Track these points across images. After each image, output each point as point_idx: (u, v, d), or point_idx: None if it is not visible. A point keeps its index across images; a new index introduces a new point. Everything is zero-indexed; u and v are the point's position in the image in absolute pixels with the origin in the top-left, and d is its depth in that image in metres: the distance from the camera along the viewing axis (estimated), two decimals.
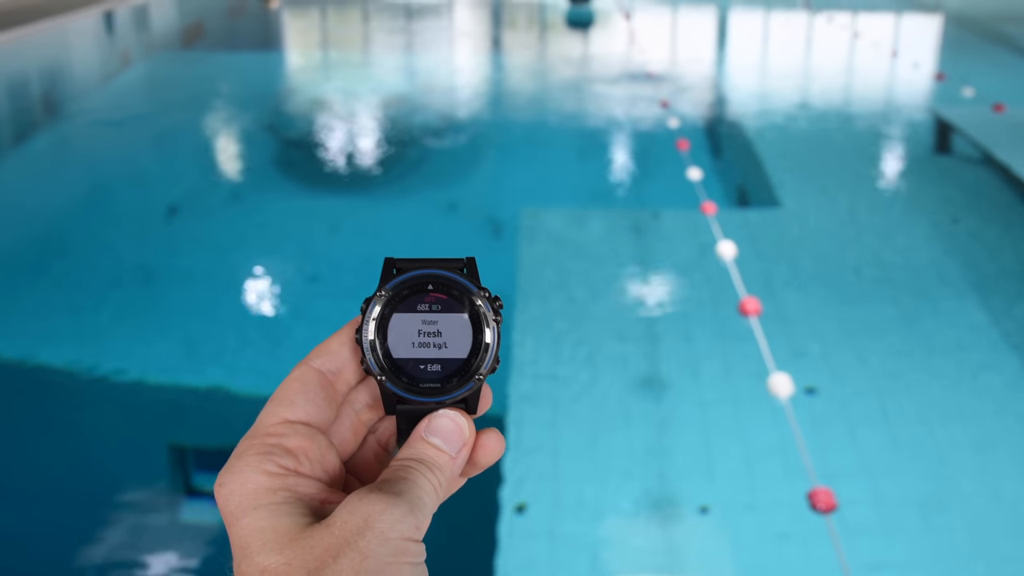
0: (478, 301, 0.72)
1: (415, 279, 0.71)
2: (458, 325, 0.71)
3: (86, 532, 4.09)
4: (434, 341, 0.71)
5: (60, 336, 5.62)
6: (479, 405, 0.72)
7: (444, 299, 0.71)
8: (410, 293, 0.71)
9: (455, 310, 0.71)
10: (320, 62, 14.93)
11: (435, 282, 0.72)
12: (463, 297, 0.71)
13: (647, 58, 13.98)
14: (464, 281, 0.72)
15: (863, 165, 8.89)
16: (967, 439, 4.60)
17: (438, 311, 0.71)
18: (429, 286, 0.71)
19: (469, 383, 0.71)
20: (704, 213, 7.05)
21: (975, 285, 6.14)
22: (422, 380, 0.70)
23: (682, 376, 5.10)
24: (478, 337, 0.71)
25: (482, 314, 0.72)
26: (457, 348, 0.71)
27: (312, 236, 7.12)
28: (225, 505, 0.64)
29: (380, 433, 0.75)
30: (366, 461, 0.74)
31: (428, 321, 0.71)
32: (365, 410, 0.73)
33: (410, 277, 0.71)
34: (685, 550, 3.96)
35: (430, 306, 0.71)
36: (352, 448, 0.73)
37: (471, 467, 0.71)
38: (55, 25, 15.66)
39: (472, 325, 0.71)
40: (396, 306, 0.71)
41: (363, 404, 0.73)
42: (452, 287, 0.72)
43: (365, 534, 0.59)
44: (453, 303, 0.71)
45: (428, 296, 0.71)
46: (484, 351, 0.71)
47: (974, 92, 11.11)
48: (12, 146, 10.12)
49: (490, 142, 9.87)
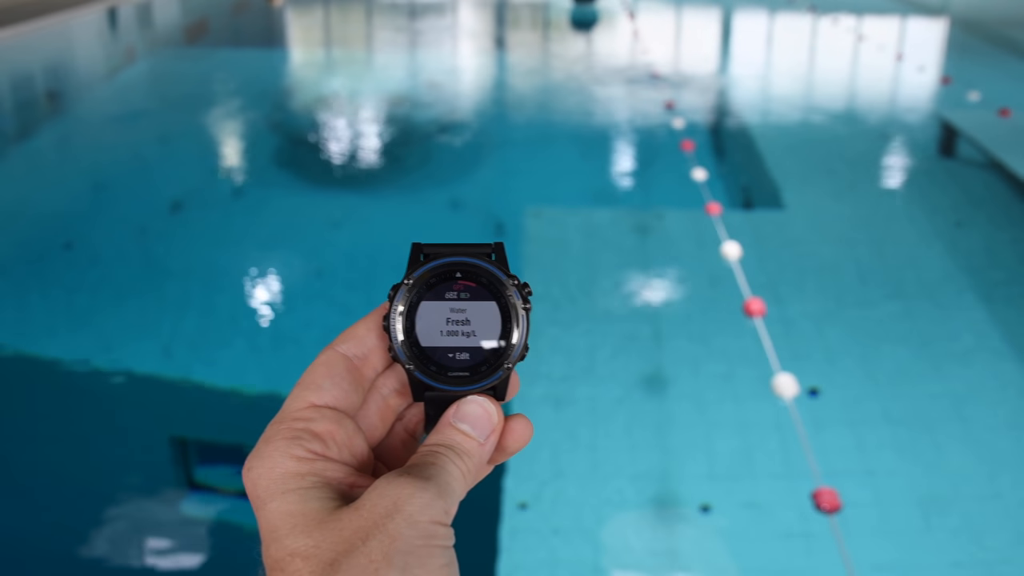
0: (507, 289, 0.70)
1: (443, 267, 0.70)
2: (487, 313, 0.70)
3: (88, 525, 4.08)
4: (463, 329, 0.70)
5: (62, 329, 5.62)
6: (507, 391, 0.71)
7: (473, 287, 0.70)
8: (438, 281, 0.70)
9: (484, 298, 0.70)
10: (324, 60, 14.92)
11: (464, 270, 0.70)
12: (492, 285, 0.70)
13: (652, 58, 13.97)
14: (493, 269, 0.71)
15: (868, 168, 8.88)
16: (970, 440, 4.59)
17: (467, 299, 0.70)
18: (457, 274, 0.70)
19: (498, 372, 0.70)
20: (709, 214, 7.04)
21: (979, 288, 6.13)
22: (451, 369, 0.69)
23: (686, 376, 5.09)
24: (507, 325, 0.70)
25: (511, 302, 0.70)
26: (486, 336, 0.70)
27: (315, 233, 7.12)
28: (253, 489, 0.63)
29: (408, 420, 0.74)
30: (393, 448, 0.74)
31: (456, 309, 0.70)
32: (393, 396, 0.73)
33: (438, 265, 0.70)
34: (687, 549, 3.95)
35: (458, 294, 0.70)
36: (380, 434, 0.72)
37: (499, 453, 0.70)
38: (59, 21, 15.67)
39: (501, 313, 0.70)
40: (424, 294, 0.70)
41: (390, 390, 0.73)
42: (480, 275, 0.70)
43: (394, 517, 0.59)
44: (482, 291, 0.70)
45: (456, 284, 0.70)
46: (513, 339, 0.70)
47: (980, 96, 11.09)
48: (17, 141, 10.11)
49: (494, 141, 9.86)
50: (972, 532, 4.01)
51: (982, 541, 3.96)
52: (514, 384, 0.72)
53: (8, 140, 10.15)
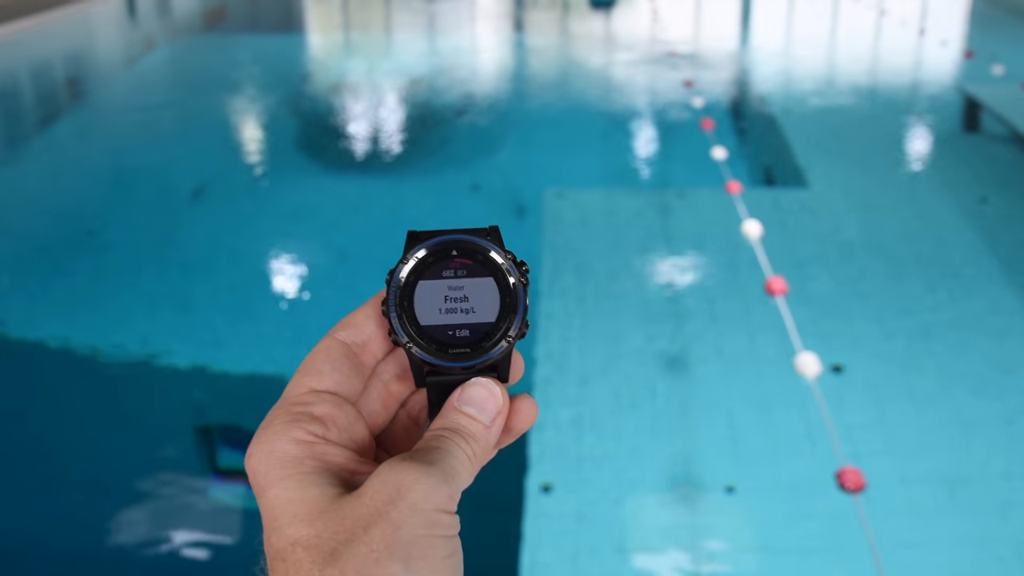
0: (504, 264, 0.70)
1: (439, 245, 0.70)
2: (485, 289, 0.70)
3: (111, 512, 4.12)
4: (461, 306, 0.70)
5: (85, 316, 5.66)
6: (511, 373, 0.71)
7: (469, 264, 0.70)
8: (435, 260, 0.70)
9: (481, 274, 0.70)
10: (342, 44, 14.92)
11: (459, 247, 0.70)
12: (488, 261, 0.70)
13: (671, 37, 13.88)
14: (489, 245, 0.70)
15: (890, 144, 8.80)
16: (995, 417, 4.56)
17: (464, 276, 0.70)
18: (454, 251, 0.70)
19: (499, 346, 0.69)
20: (729, 192, 7.00)
21: (1003, 264, 6.07)
22: (451, 345, 0.69)
23: (708, 355, 5.07)
24: (505, 300, 0.70)
25: (508, 277, 0.70)
26: (485, 312, 0.70)
27: (336, 217, 7.13)
28: (254, 476, 0.62)
29: (410, 407, 0.74)
30: (396, 435, 0.73)
31: (454, 287, 0.70)
32: (394, 382, 0.72)
33: (434, 243, 0.70)
34: (711, 529, 3.94)
35: (456, 272, 0.70)
36: (382, 421, 0.72)
37: (506, 435, 0.69)
38: (79, 10, 15.73)
39: (499, 289, 0.70)
40: (421, 273, 0.70)
41: (391, 376, 0.72)
42: (477, 252, 0.70)
43: (397, 504, 0.58)
44: (478, 268, 0.70)
45: (453, 262, 0.70)
46: (512, 314, 0.70)
47: (1003, 70, 10.96)
48: (37, 130, 10.18)
49: (513, 122, 9.84)
50: (997, 510, 3.98)
51: (1008, 518, 3.94)
52: (517, 366, 0.71)
53: (30, 129, 10.21)
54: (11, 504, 4.26)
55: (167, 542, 3.97)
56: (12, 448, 4.65)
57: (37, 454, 4.59)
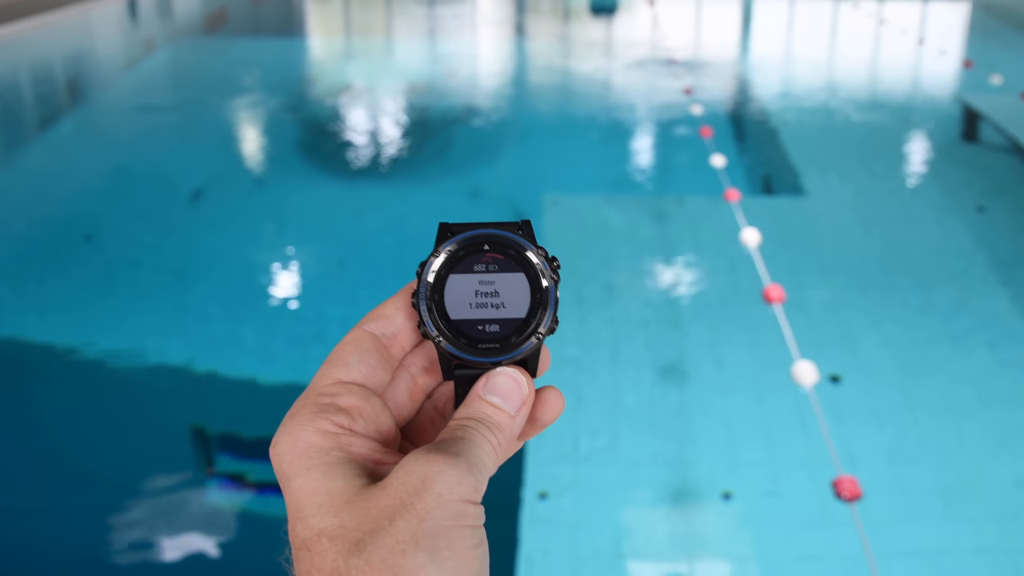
0: (535, 260, 0.70)
1: (471, 239, 0.70)
2: (515, 284, 0.70)
3: (110, 513, 4.12)
4: (492, 301, 0.70)
5: (83, 320, 5.65)
6: (538, 367, 0.71)
7: (501, 259, 0.70)
8: (466, 254, 0.70)
9: (512, 269, 0.70)
10: (343, 48, 14.93)
11: (491, 242, 0.70)
12: (520, 256, 0.70)
13: (671, 45, 13.90)
14: (521, 240, 0.70)
15: (889, 153, 8.81)
16: (992, 427, 4.56)
17: (495, 271, 0.70)
18: (485, 246, 0.70)
19: (528, 342, 0.69)
20: (728, 200, 7.01)
21: (1001, 274, 6.08)
22: (480, 340, 0.69)
23: (705, 363, 5.08)
24: (536, 296, 0.70)
25: (540, 272, 0.70)
26: (515, 308, 0.70)
27: (335, 222, 7.13)
28: (279, 465, 0.62)
29: (437, 398, 0.73)
30: (422, 427, 0.73)
31: (485, 281, 0.70)
32: (421, 374, 0.72)
33: (466, 237, 0.70)
34: (708, 538, 3.95)
35: (487, 266, 0.70)
36: (408, 413, 0.72)
37: (531, 426, 0.69)
38: (79, 11, 15.74)
39: (530, 284, 0.70)
40: (452, 267, 0.70)
41: (419, 368, 0.72)
42: (508, 246, 0.70)
43: (423, 496, 0.58)
44: (510, 263, 0.70)
45: (484, 256, 0.70)
46: (543, 310, 0.70)
47: (1002, 80, 10.98)
48: (37, 131, 10.18)
49: (513, 129, 9.85)
50: (994, 519, 3.99)
51: (1005, 528, 3.95)
52: (545, 359, 0.71)
53: (31, 131, 10.22)
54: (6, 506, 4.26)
55: (160, 544, 3.96)
56: (6, 449, 4.65)
57: (31, 455, 4.59)
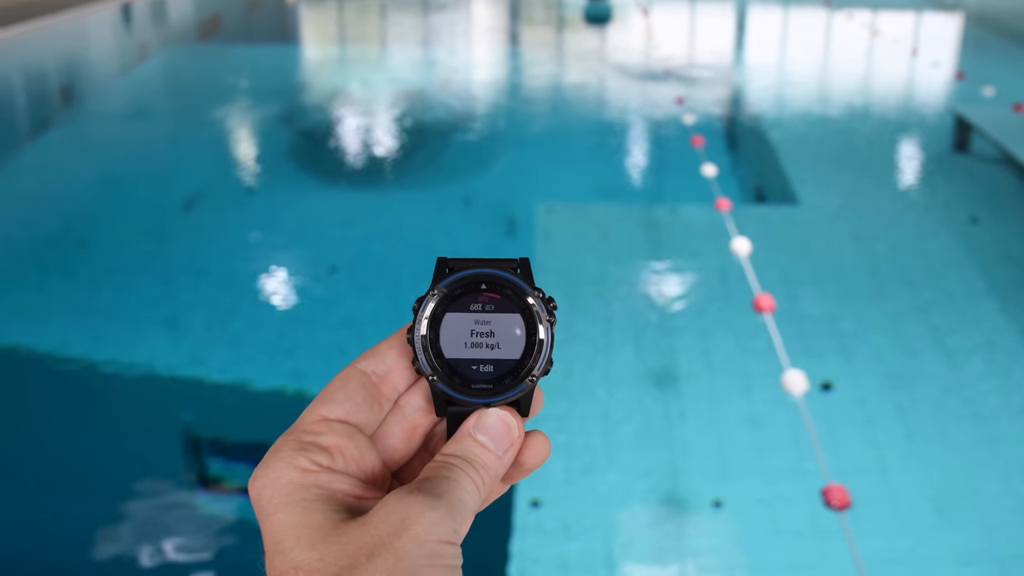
0: (532, 301, 0.70)
1: (468, 278, 0.70)
2: (511, 325, 0.69)
3: (101, 522, 4.10)
4: (487, 341, 0.69)
5: (76, 327, 5.64)
6: (531, 408, 0.70)
7: (497, 299, 0.70)
8: (463, 292, 0.70)
9: (508, 310, 0.70)
10: (337, 56, 14.94)
11: (488, 281, 0.70)
12: (517, 297, 0.70)
13: (664, 54, 13.94)
14: (518, 281, 0.70)
15: (881, 163, 8.84)
16: (982, 436, 4.57)
17: (491, 311, 0.70)
18: (483, 285, 0.70)
19: (522, 384, 0.69)
20: (719, 209, 7.03)
21: (993, 285, 6.10)
22: (474, 381, 0.68)
23: (696, 372, 5.08)
24: (532, 338, 0.69)
25: (536, 314, 0.70)
26: (510, 349, 0.69)
27: (328, 230, 7.13)
28: (258, 500, 0.62)
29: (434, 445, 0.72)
30: (415, 470, 0.72)
31: (481, 321, 0.69)
32: (418, 414, 0.71)
33: (463, 276, 0.70)
34: (698, 546, 3.95)
35: (483, 306, 0.69)
36: (402, 455, 0.71)
37: (516, 470, 0.69)
38: (74, 17, 15.73)
39: (526, 325, 0.70)
40: (449, 305, 0.69)
41: (415, 408, 0.71)
42: (506, 287, 0.70)
43: (401, 535, 0.58)
44: (506, 303, 0.70)
45: (481, 296, 0.70)
46: (538, 352, 0.69)
47: (994, 91, 11.03)
48: (30, 138, 10.17)
49: (506, 137, 9.87)
50: (984, 528, 4.00)
51: (994, 537, 3.95)
52: (538, 400, 0.71)
53: (23, 137, 10.20)
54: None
55: (151, 551, 3.95)
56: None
57: (25, 461, 4.58)
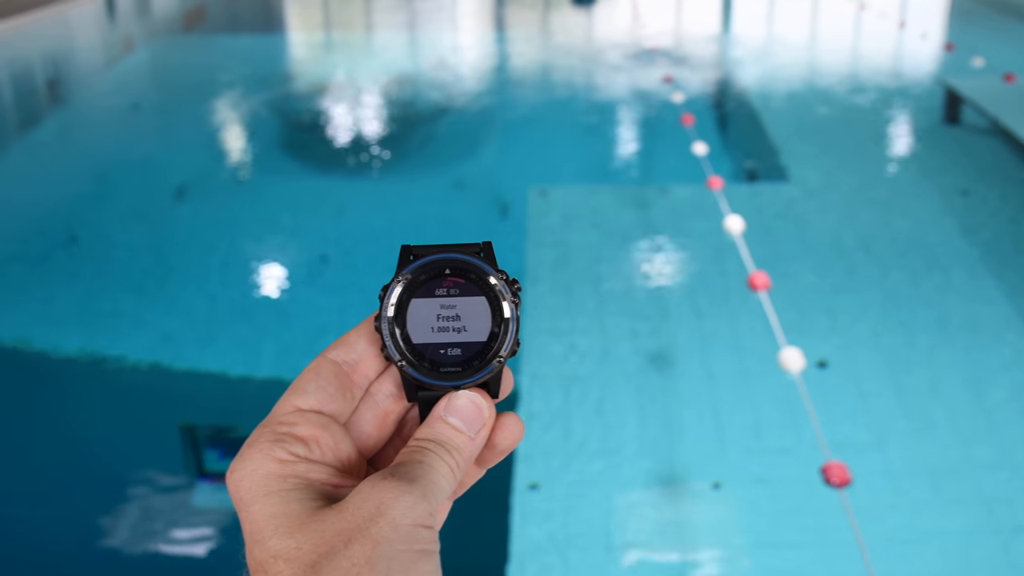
0: (496, 283, 0.71)
1: (432, 263, 0.71)
2: (477, 308, 0.71)
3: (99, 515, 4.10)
4: (453, 325, 0.71)
5: (68, 320, 5.62)
6: (500, 389, 0.71)
7: (462, 283, 0.71)
8: (428, 278, 0.71)
9: (473, 293, 0.71)
10: (323, 43, 14.86)
11: (452, 266, 0.71)
12: (481, 280, 0.71)
13: (650, 33, 13.89)
14: (481, 264, 0.71)
15: (872, 137, 8.83)
16: (979, 411, 4.58)
17: (456, 295, 0.71)
18: (447, 270, 0.71)
19: (490, 366, 0.70)
20: (711, 188, 7.01)
21: (987, 257, 6.10)
22: (443, 364, 0.70)
23: (692, 351, 5.08)
24: (497, 319, 0.71)
25: (500, 296, 0.71)
26: (476, 331, 0.71)
27: (319, 218, 7.10)
28: (236, 491, 0.63)
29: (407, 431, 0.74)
30: (391, 456, 0.73)
31: (447, 305, 0.71)
32: (389, 401, 0.72)
33: (427, 262, 0.71)
34: (698, 525, 3.95)
35: (448, 290, 0.71)
36: (375, 441, 0.72)
37: (490, 452, 0.70)
38: (57, 11, 15.62)
39: (491, 308, 0.71)
40: (414, 291, 0.71)
41: (386, 395, 0.72)
42: (470, 271, 0.71)
43: (377, 521, 0.59)
44: (471, 286, 0.71)
45: (446, 280, 0.71)
46: (504, 333, 0.70)
47: (984, 62, 11.01)
48: (17, 133, 10.10)
49: (496, 121, 9.83)
50: (983, 503, 4.00)
51: (993, 512, 3.96)
52: (507, 382, 0.72)
53: (9, 131, 10.14)
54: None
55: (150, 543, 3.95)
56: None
57: (20, 456, 4.56)
